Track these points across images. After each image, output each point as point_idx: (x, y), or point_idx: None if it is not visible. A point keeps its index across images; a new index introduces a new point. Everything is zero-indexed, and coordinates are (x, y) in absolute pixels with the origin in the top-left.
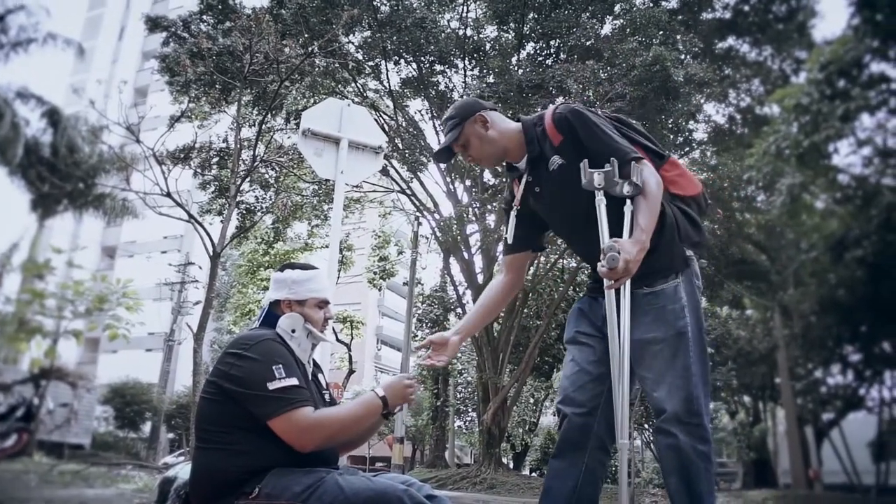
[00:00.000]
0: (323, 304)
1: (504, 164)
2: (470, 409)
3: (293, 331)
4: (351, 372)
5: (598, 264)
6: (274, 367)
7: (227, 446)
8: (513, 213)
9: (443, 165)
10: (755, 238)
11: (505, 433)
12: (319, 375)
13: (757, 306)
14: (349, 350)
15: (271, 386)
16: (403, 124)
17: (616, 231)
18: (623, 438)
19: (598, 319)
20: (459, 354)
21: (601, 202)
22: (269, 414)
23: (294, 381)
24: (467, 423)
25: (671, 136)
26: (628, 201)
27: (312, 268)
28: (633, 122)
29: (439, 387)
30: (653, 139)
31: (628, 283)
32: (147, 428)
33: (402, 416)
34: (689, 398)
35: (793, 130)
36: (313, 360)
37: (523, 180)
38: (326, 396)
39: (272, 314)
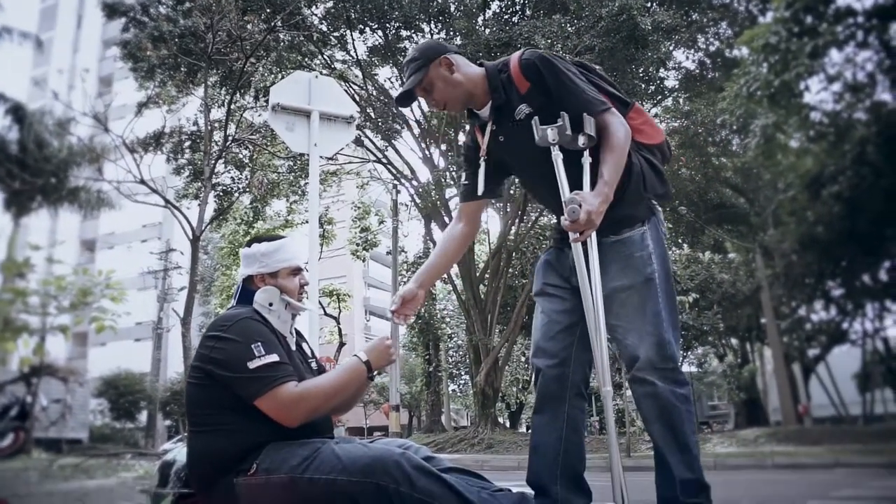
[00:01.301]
0: (296, 271)
1: (465, 110)
2: (463, 373)
3: (270, 304)
4: (342, 345)
5: (562, 218)
6: (253, 346)
7: (219, 427)
8: (482, 162)
9: (416, 131)
10: (732, 181)
11: (499, 393)
12: (304, 345)
13: (738, 249)
14: (338, 323)
15: (252, 365)
16: (374, 93)
17: (579, 184)
18: (606, 386)
19: (566, 270)
20: (448, 319)
21: (558, 156)
22: (254, 394)
23: (274, 357)
24: (461, 387)
25: (642, 86)
26: (585, 153)
27: (280, 237)
28: (597, 67)
29: (430, 352)
30: (616, 85)
31: (594, 234)
32: (143, 417)
33: (396, 384)
34: (662, 343)
35: (763, 71)
36: (296, 330)
37: (488, 128)
38: (313, 364)
39: (247, 290)
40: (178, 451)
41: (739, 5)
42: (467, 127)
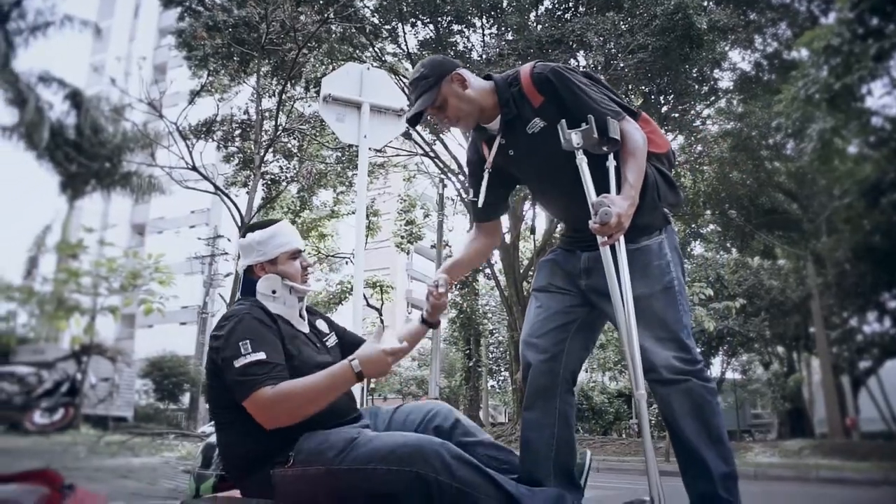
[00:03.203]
0: (295, 254)
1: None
2: (503, 369)
3: (273, 292)
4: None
5: (590, 221)
6: (241, 344)
7: (243, 425)
8: (485, 174)
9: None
10: (786, 186)
11: None
12: (319, 322)
13: (789, 255)
14: (380, 314)
15: (237, 364)
16: None
17: (600, 188)
18: (639, 389)
19: (575, 271)
20: (490, 314)
21: (582, 160)
22: (239, 398)
23: (261, 356)
24: (500, 383)
25: (696, 86)
26: (611, 157)
27: (274, 222)
28: (601, 76)
29: (471, 347)
30: (619, 96)
31: (622, 238)
32: (186, 399)
33: (436, 378)
34: (686, 348)
35: (823, 74)
36: (310, 309)
37: (496, 142)
38: (329, 341)
39: (249, 281)
40: None
41: (800, 5)
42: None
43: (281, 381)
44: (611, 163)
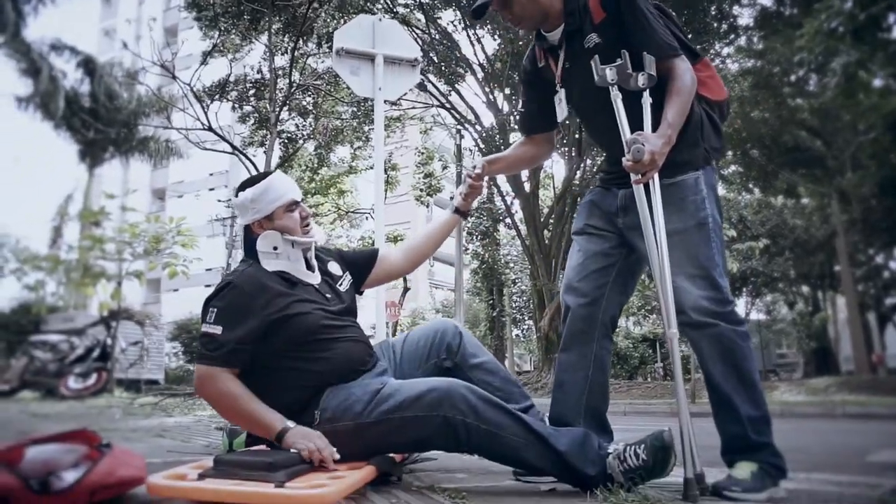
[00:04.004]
0: (292, 206)
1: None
2: (526, 318)
3: (275, 248)
4: (406, 290)
5: (624, 158)
6: (209, 311)
7: (263, 386)
8: (559, 89)
9: (480, 75)
10: (809, 123)
11: None
12: (332, 265)
13: (813, 194)
14: None
15: (202, 328)
16: (437, 37)
17: (639, 126)
18: (672, 328)
19: (612, 211)
20: (512, 264)
21: (617, 97)
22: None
23: (217, 330)
24: (524, 332)
25: (714, 24)
26: (646, 94)
27: (265, 176)
28: (672, 13)
29: (494, 298)
30: (686, 36)
31: (657, 176)
32: None
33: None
34: (717, 287)
35: (847, 5)
36: (319, 256)
37: (561, 55)
38: (343, 284)
39: (250, 240)
40: None
41: None
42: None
43: (224, 363)
44: (646, 100)
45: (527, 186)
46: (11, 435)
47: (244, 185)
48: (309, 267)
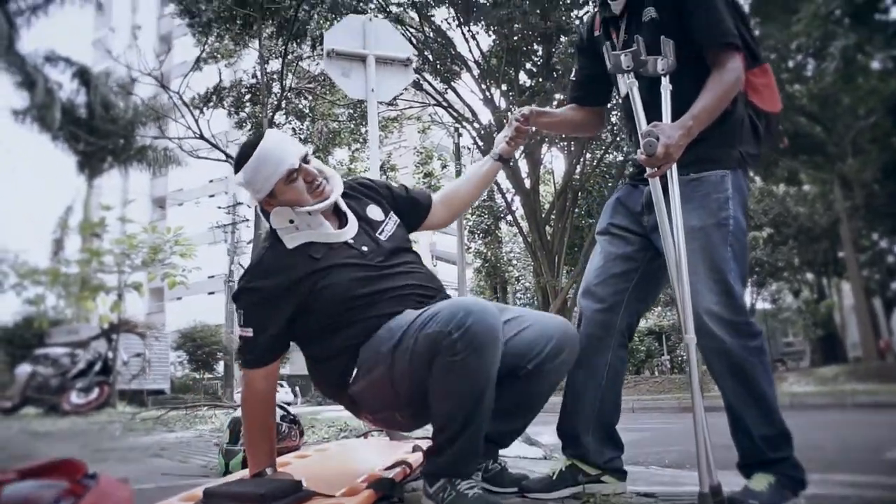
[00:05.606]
0: (292, 175)
1: None
2: None
3: (291, 221)
4: None
5: (637, 151)
6: (238, 313)
7: (316, 360)
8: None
9: (476, 72)
10: (808, 109)
11: None
12: (370, 209)
13: (815, 180)
14: None
15: (236, 331)
16: (431, 35)
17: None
18: (689, 333)
19: (637, 207)
20: (515, 261)
21: (633, 85)
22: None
23: (248, 332)
24: None
25: None
26: (665, 80)
27: (252, 150)
28: (745, 11)
29: (498, 295)
30: (753, 36)
31: (674, 169)
32: (221, 367)
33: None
34: (729, 293)
35: None
36: (357, 194)
37: (622, 26)
38: (385, 230)
39: (268, 216)
40: None
41: None
42: (534, 70)
43: (259, 363)
44: (665, 87)
45: (527, 182)
46: (9, 457)
47: (238, 163)
48: (340, 220)
